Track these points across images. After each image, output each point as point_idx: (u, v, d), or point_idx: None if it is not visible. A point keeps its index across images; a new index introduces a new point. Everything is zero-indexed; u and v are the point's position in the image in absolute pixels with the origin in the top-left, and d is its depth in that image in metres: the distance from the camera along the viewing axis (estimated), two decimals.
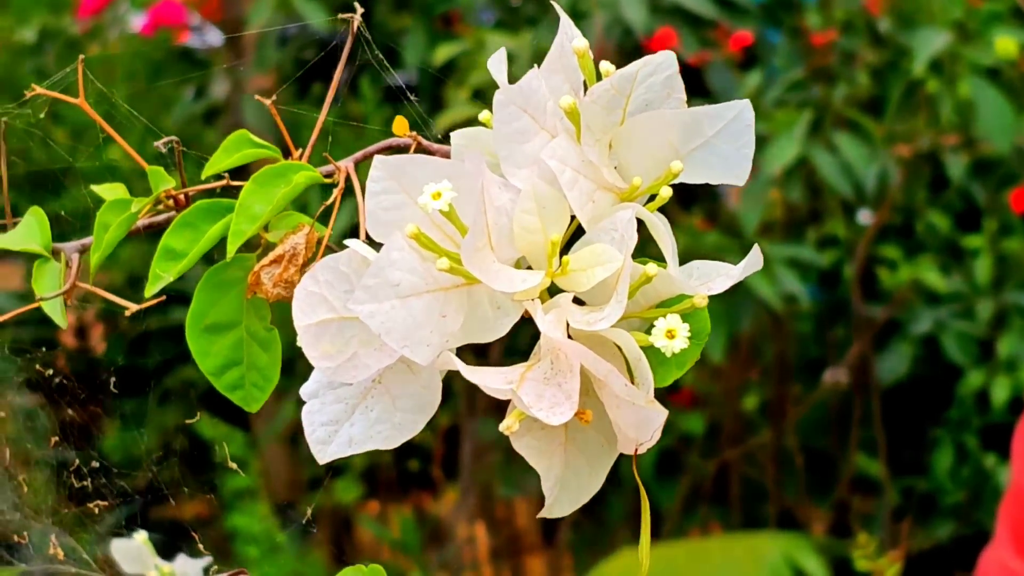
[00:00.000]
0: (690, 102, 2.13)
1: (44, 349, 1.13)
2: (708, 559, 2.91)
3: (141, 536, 1.07)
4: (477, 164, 0.58)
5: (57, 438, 1.14)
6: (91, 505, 1.11)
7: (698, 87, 3.04)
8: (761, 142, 2.83)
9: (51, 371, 1.09)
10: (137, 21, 3.51)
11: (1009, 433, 2.77)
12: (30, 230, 0.75)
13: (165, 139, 0.70)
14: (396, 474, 3.66)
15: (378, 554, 3.67)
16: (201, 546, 1.06)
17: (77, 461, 1.10)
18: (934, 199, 3.27)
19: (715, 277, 0.61)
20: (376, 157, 0.60)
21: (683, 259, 2.05)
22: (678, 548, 3.03)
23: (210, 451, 3.26)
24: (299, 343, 0.62)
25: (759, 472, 3.41)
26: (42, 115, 0.77)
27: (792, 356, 3.46)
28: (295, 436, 3.46)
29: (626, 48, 3.09)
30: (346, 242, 0.62)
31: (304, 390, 0.64)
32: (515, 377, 0.58)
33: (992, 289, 3.11)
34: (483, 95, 3.24)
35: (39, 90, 0.74)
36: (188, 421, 0.89)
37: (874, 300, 3.23)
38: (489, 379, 0.58)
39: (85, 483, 1.10)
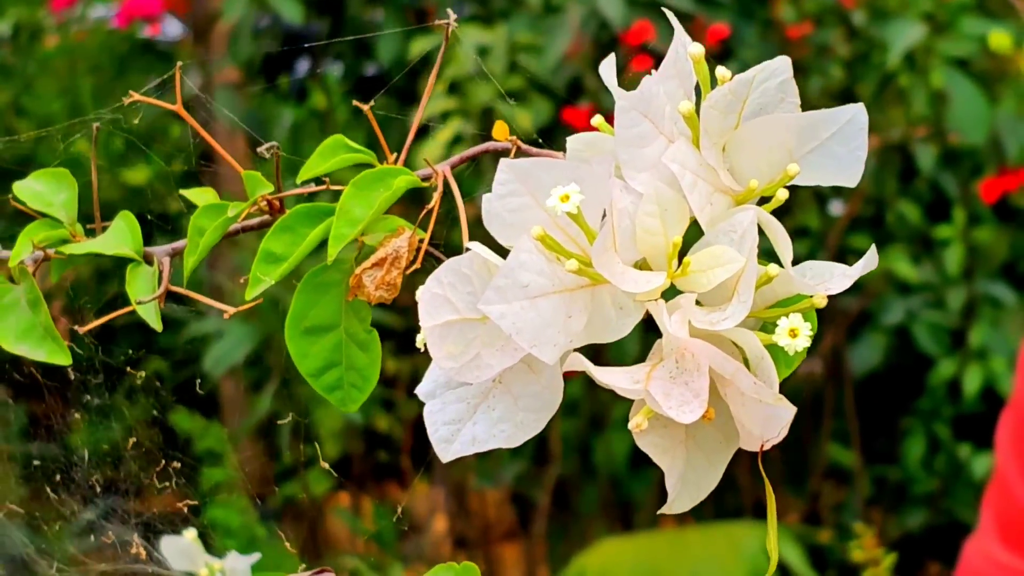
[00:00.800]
0: None
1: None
2: (687, 549, 2.93)
3: (191, 534, 1.08)
4: (606, 167, 0.60)
5: (27, 431, 1.15)
6: (67, 502, 1.12)
7: None
8: None
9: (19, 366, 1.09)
10: (111, 14, 3.50)
11: (981, 422, 2.80)
12: (121, 234, 0.76)
13: (267, 145, 0.71)
14: (367, 466, 3.66)
15: (351, 547, 3.68)
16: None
17: (47, 456, 1.11)
18: (904, 190, 3.30)
19: (830, 277, 0.63)
20: (502, 160, 0.61)
21: None
22: (657, 539, 3.05)
23: (188, 444, 3.26)
24: (418, 343, 0.63)
25: (732, 462, 3.43)
26: (136, 120, 0.78)
27: None
28: (267, 430, 3.47)
29: (602, 40, 3.10)
30: (468, 244, 0.63)
31: (420, 390, 0.65)
32: (641, 377, 0.60)
33: (963, 279, 3.15)
34: (458, 88, 3.25)
35: (136, 96, 0.75)
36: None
37: (846, 291, 3.25)
38: (618, 379, 0.60)
39: (58, 478, 1.11)
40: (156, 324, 0.74)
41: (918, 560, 3.35)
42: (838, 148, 0.64)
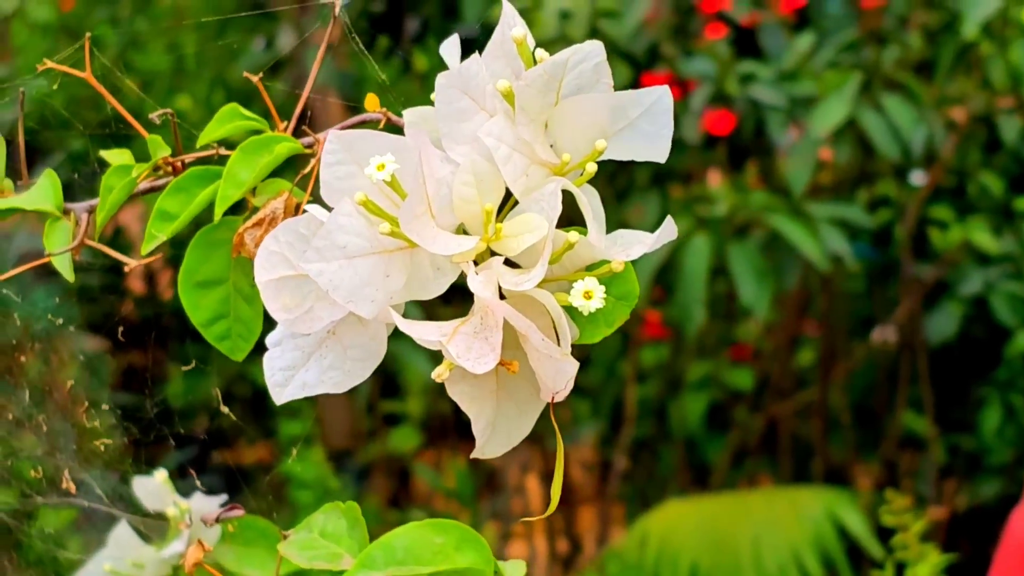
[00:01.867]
0: (743, 63, 2.16)
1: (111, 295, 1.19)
2: (750, 512, 2.96)
3: (162, 474, 1.13)
4: (418, 139, 0.65)
5: (120, 383, 1.21)
6: (151, 449, 1.17)
7: (750, 48, 3.08)
8: (809, 103, 2.88)
9: (117, 316, 1.15)
10: None
11: None
12: (44, 191, 0.83)
13: (160, 111, 0.77)
14: (454, 423, 3.72)
15: (432, 502, 3.75)
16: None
17: (139, 406, 1.16)
18: (988, 162, 3.29)
19: (634, 244, 0.68)
20: (331, 131, 0.67)
21: (730, 216, 2.08)
22: (721, 501, 3.08)
23: (266, 397, 3.34)
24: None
25: (808, 428, 3.46)
26: (55, 87, 0.84)
27: (844, 314, 3.50)
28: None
29: (682, 7, 3.14)
30: (304, 207, 0.69)
31: (269, 339, 0.71)
32: (449, 331, 0.65)
33: None
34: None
35: (49, 64, 0.81)
36: (185, 367, 0.95)
37: (925, 260, 3.26)
38: (423, 331, 0.65)
39: (145, 428, 1.17)
40: (69, 275, 0.80)
41: (992, 530, 3.35)
42: (647, 126, 0.69)
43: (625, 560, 2.94)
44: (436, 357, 0.67)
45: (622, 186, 3.16)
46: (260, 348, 0.81)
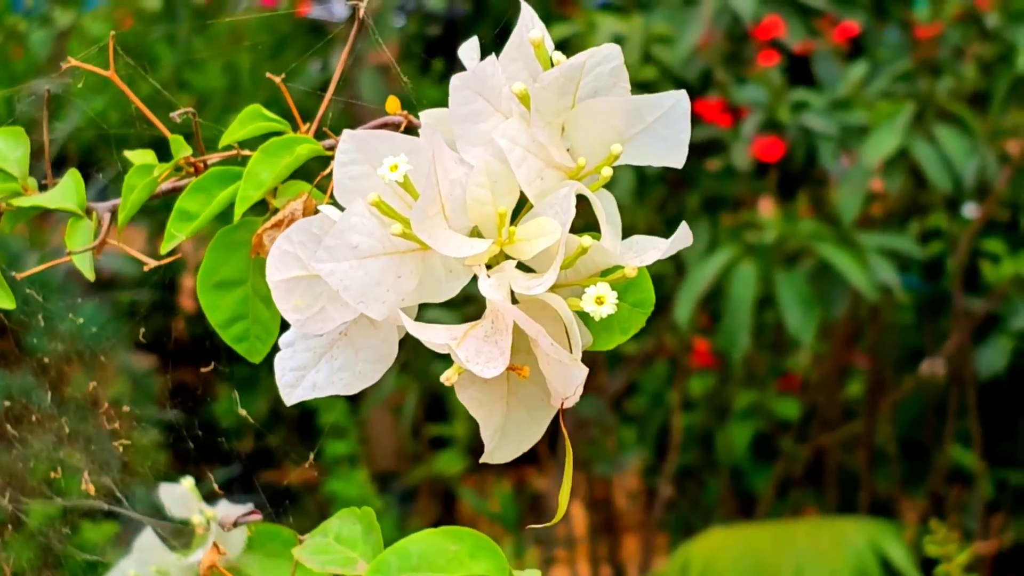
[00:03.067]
0: (795, 91, 2.16)
1: (162, 313, 1.20)
2: (793, 542, 2.93)
3: (188, 482, 1.13)
4: (431, 140, 0.65)
5: (168, 400, 1.21)
6: (197, 467, 1.17)
7: (803, 76, 3.07)
8: (861, 132, 2.86)
9: (168, 334, 1.15)
10: None
11: None
12: (67, 190, 0.83)
13: (181, 110, 0.77)
14: None
15: (477, 526, 3.74)
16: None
17: (186, 423, 1.17)
18: None
19: (649, 250, 0.67)
20: (345, 131, 0.67)
21: (778, 244, 2.07)
22: (764, 530, 3.06)
23: (313, 417, 3.33)
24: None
25: (854, 460, 3.43)
26: (80, 85, 0.84)
27: (894, 346, 3.48)
28: (399, 406, 3.54)
29: (735, 34, 3.13)
30: (318, 207, 0.68)
31: (282, 340, 0.71)
32: (459, 334, 0.65)
33: None
34: None
35: (74, 62, 0.81)
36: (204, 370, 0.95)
37: (976, 293, 3.24)
38: (433, 335, 0.65)
39: (192, 445, 1.17)
40: (89, 274, 0.80)
41: None
42: (663, 131, 0.68)
43: None
44: None
45: (672, 213, 3.16)
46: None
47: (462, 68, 0.68)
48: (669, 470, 3.33)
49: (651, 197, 3.15)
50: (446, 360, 0.65)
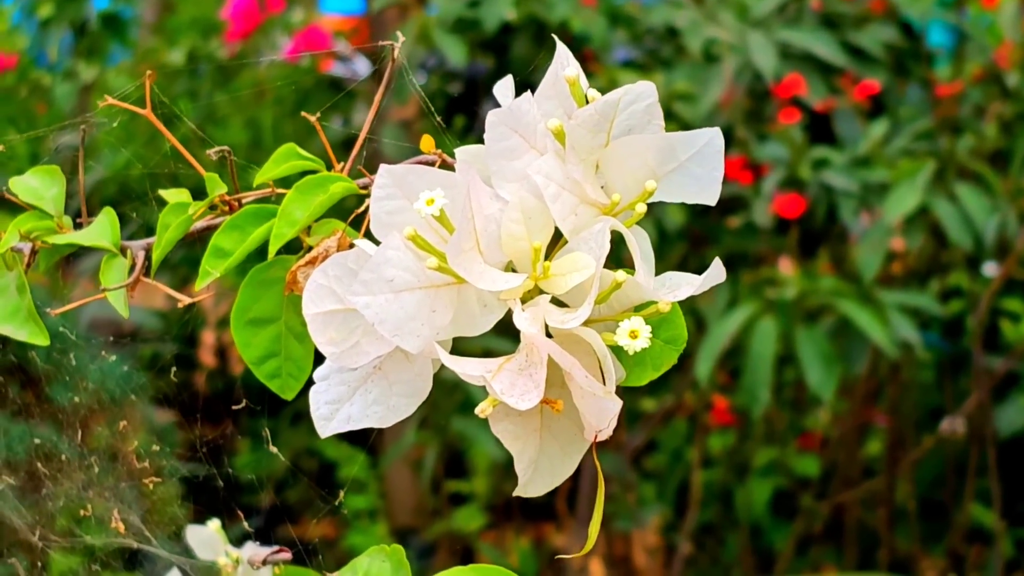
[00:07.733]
0: (816, 149, 2.17)
1: (182, 367, 1.20)
2: None
3: (214, 524, 1.13)
4: (467, 175, 0.66)
5: (188, 453, 1.22)
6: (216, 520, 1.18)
7: (824, 134, 3.08)
8: (882, 190, 2.87)
9: (188, 388, 1.16)
10: (283, 46, 3.61)
11: None
12: (102, 228, 0.84)
13: (217, 148, 0.77)
14: (519, 504, 3.71)
15: None
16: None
17: (207, 477, 1.17)
18: None
19: (682, 285, 0.67)
20: (382, 166, 0.68)
21: (799, 300, 2.08)
22: None
23: (333, 472, 3.32)
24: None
25: (874, 517, 3.42)
26: (115, 124, 0.85)
27: (914, 405, 3.47)
28: (419, 461, 3.54)
29: (756, 92, 3.14)
30: (354, 241, 0.69)
31: (317, 374, 0.71)
32: (494, 367, 0.65)
33: None
34: None
35: (111, 100, 0.82)
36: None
37: (996, 352, 3.23)
38: (468, 367, 0.65)
39: (211, 499, 1.17)
40: (124, 311, 0.81)
41: None
42: (697, 169, 0.69)
43: None
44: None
45: (693, 269, 3.16)
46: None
47: (483, 126, 0.69)
48: (689, 527, 3.33)
49: (672, 254, 3.16)
50: (467, 415, 0.65)
